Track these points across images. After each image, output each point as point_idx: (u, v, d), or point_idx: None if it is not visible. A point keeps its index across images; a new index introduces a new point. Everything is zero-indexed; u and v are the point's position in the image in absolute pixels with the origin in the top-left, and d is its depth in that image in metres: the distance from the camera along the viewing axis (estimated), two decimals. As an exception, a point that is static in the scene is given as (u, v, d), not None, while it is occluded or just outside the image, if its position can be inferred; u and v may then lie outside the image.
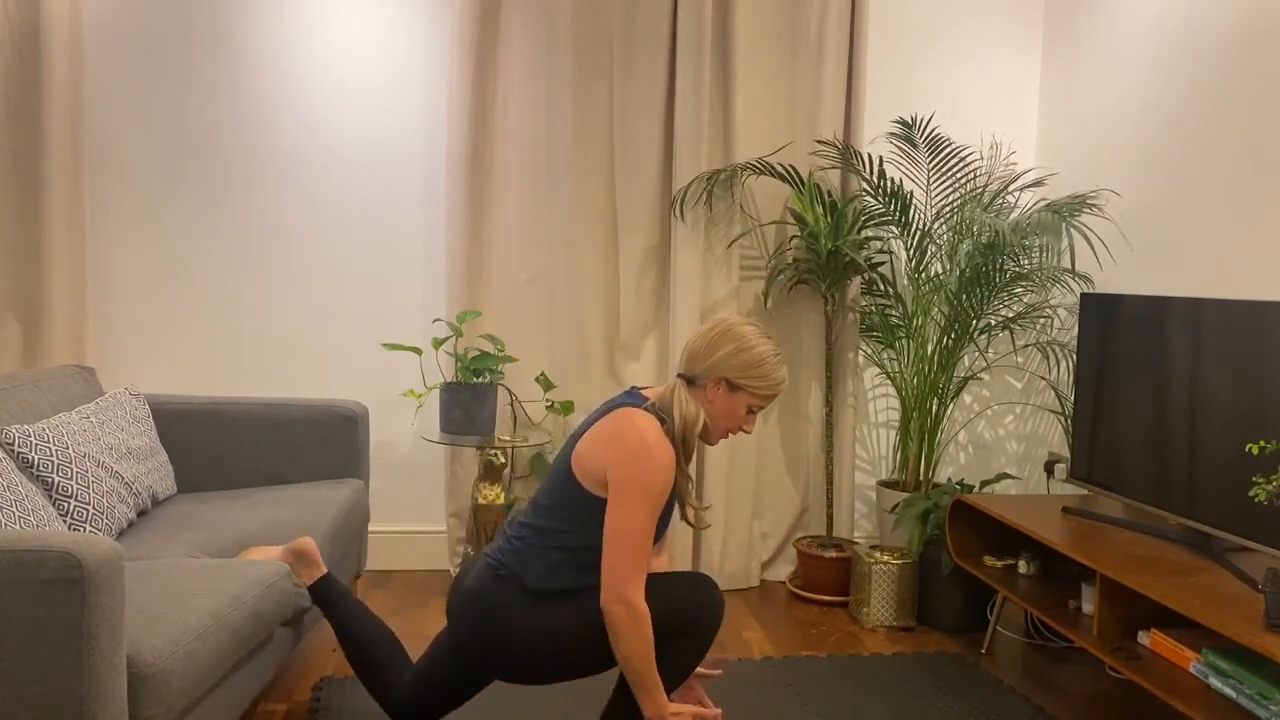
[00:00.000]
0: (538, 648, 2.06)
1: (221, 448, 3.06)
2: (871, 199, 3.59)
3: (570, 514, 2.05)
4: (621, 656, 1.99)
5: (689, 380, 2.11)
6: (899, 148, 3.65)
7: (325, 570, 2.41)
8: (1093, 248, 3.54)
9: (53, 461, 2.35)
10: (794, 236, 3.68)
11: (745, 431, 2.16)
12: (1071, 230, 3.22)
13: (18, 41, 3.31)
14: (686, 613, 2.08)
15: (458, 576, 2.19)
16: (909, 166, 3.72)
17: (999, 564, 3.12)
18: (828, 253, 3.50)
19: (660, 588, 2.09)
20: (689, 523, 2.14)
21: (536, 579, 2.05)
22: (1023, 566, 3.07)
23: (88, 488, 2.40)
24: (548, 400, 3.66)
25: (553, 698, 2.69)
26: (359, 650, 2.31)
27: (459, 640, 2.12)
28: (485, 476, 3.43)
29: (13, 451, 2.31)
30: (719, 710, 2.12)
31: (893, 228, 3.59)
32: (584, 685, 2.75)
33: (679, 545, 3.64)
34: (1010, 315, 3.71)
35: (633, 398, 2.11)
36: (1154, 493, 2.71)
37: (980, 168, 3.87)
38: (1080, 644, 2.56)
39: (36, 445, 2.34)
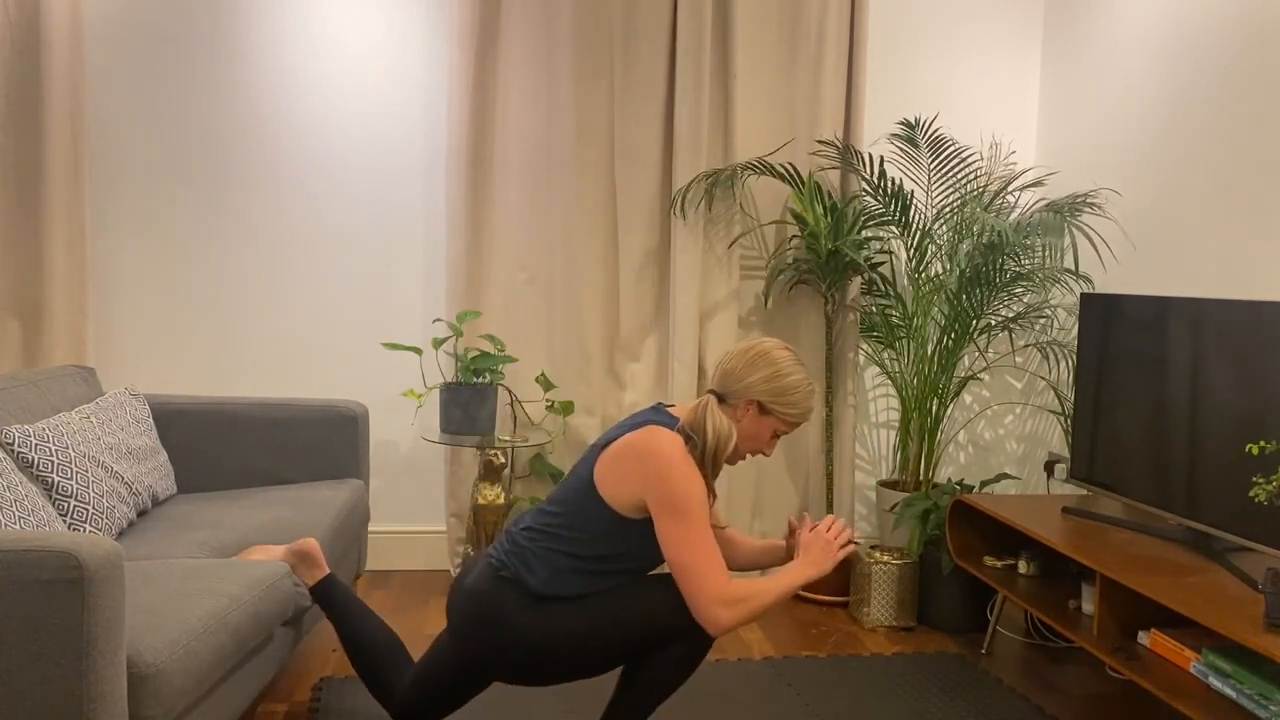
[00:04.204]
0: (538, 649, 2.05)
1: (221, 448, 3.06)
2: (871, 199, 3.59)
3: (585, 524, 2.05)
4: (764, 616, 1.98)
5: (720, 398, 2.13)
6: (900, 148, 3.65)
7: (328, 571, 2.41)
8: (1095, 247, 3.54)
9: (53, 461, 2.35)
10: (794, 236, 3.68)
11: (765, 454, 2.19)
12: (1074, 230, 3.22)
13: (18, 41, 3.31)
14: (679, 618, 2.06)
15: (458, 576, 2.18)
16: (909, 166, 3.72)
17: (999, 564, 3.12)
18: (828, 253, 3.50)
19: (655, 591, 2.08)
20: None
21: (542, 583, 2.05)
22: (1023, 566, 3.07)
23: (88, 488, 2.40)
24: (548, 400, 3.66)
25: (553, 698, 2.69)
26: (361, 652, 2.30)
27: (459, 640, 2.12)
28: (485, 476, 3.43)
29: (13, 451, 2.31)
30: (849, 531, 2.18)
31: (893, 228, 3.59)
32: (584, 686, 2.75)
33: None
34: (1010, 315, 3.71)
35: (659, 414, 2.10)
36: (1154, 493, 2.71)
37: (980, 167, 3.87)
38: (1080, 644, 2.55)
39: (36, 445, 2.34)
